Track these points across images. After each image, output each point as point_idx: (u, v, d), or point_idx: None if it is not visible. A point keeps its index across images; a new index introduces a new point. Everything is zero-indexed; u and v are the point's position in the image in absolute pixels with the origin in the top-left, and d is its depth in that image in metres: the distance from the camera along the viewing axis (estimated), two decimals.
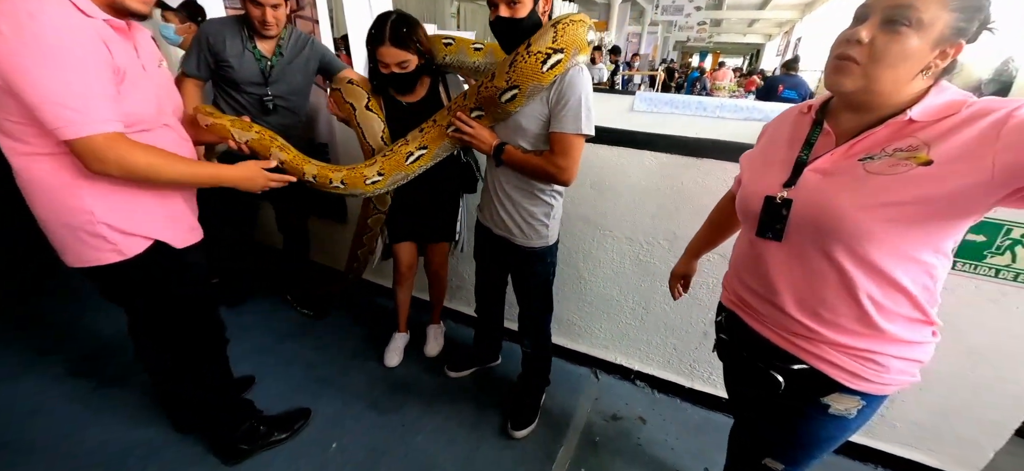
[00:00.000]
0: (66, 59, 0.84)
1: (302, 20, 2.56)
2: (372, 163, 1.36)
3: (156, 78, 1.09)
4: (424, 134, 1.35)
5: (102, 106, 0.89)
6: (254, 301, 2.30)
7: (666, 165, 1.58)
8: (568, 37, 1.08)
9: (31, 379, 1.78)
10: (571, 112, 1.13)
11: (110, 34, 0.93)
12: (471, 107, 1.26)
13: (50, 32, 0.82)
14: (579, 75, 1.13)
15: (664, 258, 1.69)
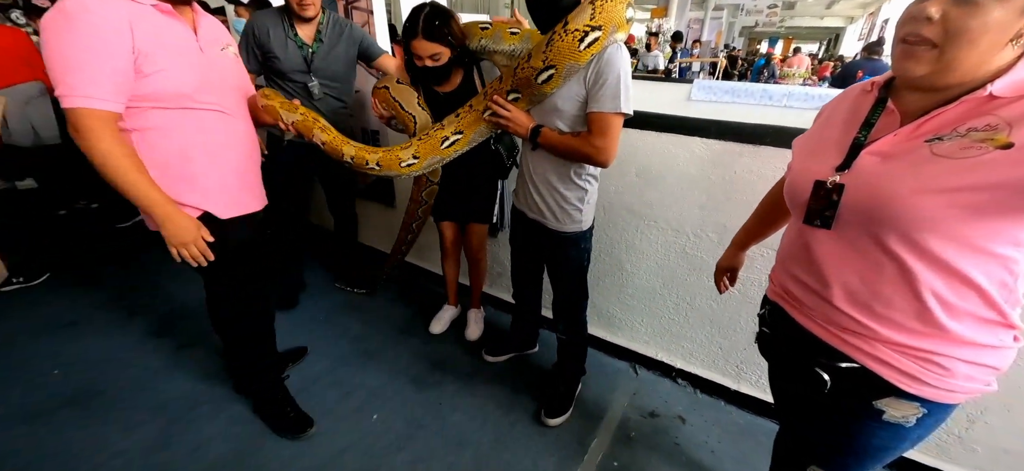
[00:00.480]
0: (74, 42, 0.93)
1: (358, 11, 2.67)
2: (408, 146, 1.39)
3: (214, 61, 1.18)
4: (460, 119, 1.36)
5: (95, 82, 0.95)
6: (308, 272, 2.44)
7: (718, 153, 1.49)
8: (606, 14, 1.04)
9: (123, 337, 2.03)
10: (609, 91, 1.09)
11: (149, 16, 1.03)
12: (507, 89, 1.25)
13: (78, 12, 0.93)
14: (617, 52, 1.10)
15: (712, 251, 1.60)
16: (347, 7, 2.37)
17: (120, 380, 1.78)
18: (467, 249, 1.93)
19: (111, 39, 0.96)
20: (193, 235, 1.13)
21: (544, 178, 1.31)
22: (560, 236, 1.36)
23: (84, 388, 1.73)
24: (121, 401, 1.68)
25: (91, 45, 0.95)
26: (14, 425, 1.56)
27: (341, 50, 1.86)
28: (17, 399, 1.67)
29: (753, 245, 1.17)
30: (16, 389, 1.72)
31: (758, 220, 1.11)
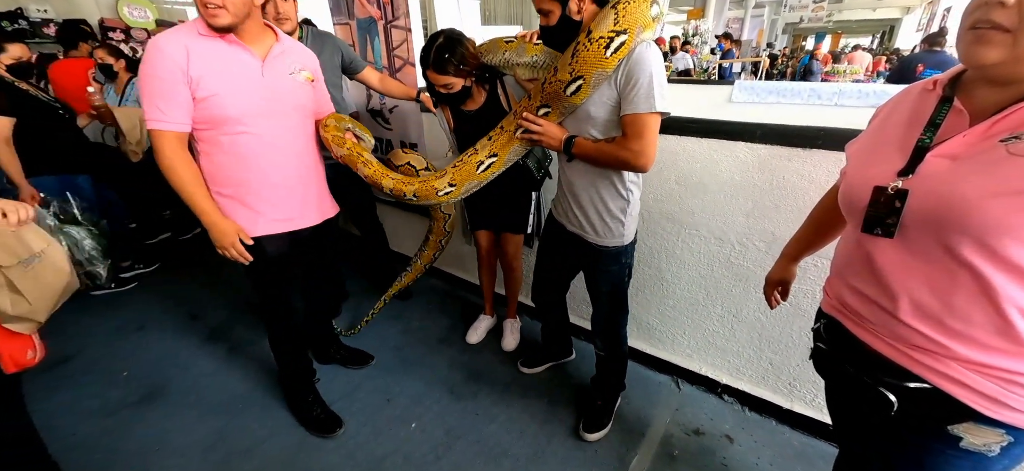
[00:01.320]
0: (149, 73, 1.14)
1: (397, 30, 2.76)
2: (442, 175, 1.40)
3: (275, 84, 1.28)
4: (493, 141, 1.36)
5: (162, 110, 1.15)
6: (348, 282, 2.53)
7: (764, 158, 1.42)
8: (630, 17, 1.02)
9: (184, 341, 2.17)
10: (642, 91, 1.05)
11: (210, 46, 1.17)
12: (537, 105, 1.24)
13: (149, 58, 1.14)
14: (647, 50, 1.06)
15: (760, 261, 1.52)
16: (387, 26, 2.45)
17: (180, 381, 1.90)
18: (502, 258, 1.94)
19: (172, 69, 1.14)
20: (231, 239, 1.28)
21: (583, 189, 1.28)
22: (600, 250, 1.32)
23: (149, 388, 1.87)
24: (181, 401, 1.80)
25: (159, 75, 1.14)
26: (92, 421, 1.71)
27: (326, 59, 1.88)
28: (93, 397, 1.82)
29: (807, 256, 1.10)
30: (93, 387, 1.88)
31: (811, 229, 1.05)
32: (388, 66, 2.48)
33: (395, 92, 2.10)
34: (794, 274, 1.12)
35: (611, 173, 1.22)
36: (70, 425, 1.68)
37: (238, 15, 1.15)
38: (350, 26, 2.60)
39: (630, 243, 1.34)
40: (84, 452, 1.57)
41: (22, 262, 1.01)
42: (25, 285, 1.02)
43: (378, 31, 2.51)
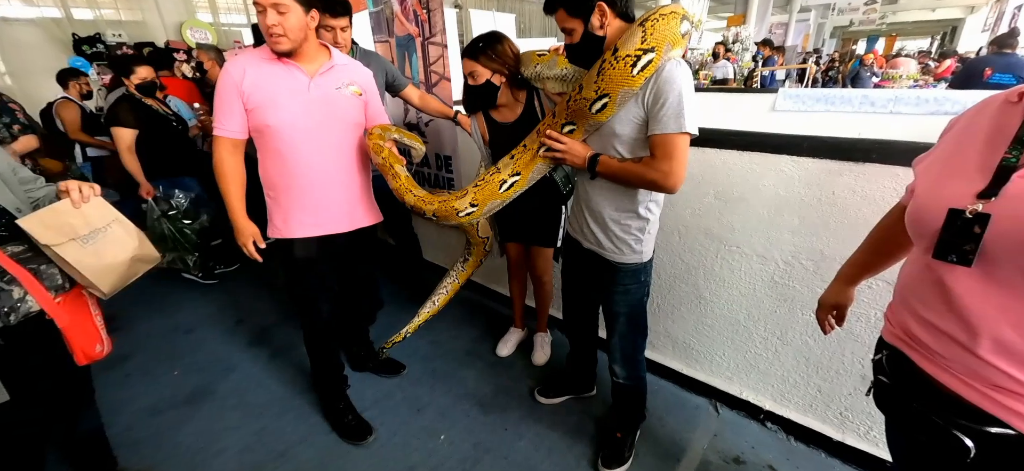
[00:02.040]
0: (216, 91, 1.35)
1: (434, 46, 2.83)
2: (463, 195, 1.38)
3: (322, 100, 1.39)
4: (515, 160, 1.35)
5: (220, 120, 1.35)
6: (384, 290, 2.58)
7: (812, 172, 1.34)
8: (659, 34, 0.99)
9: (230, 344, 2.28)
10: (671, 110, 1.02)
11: (265, 66, 1.33)
12: (562, 122, 1.22)
13: (220, 78, 1.34)
14: (676, 68, 1.02)
15: (807, 281, 1.43)
16: (424, 43, 2.52)
17: (225, 383, 2.00)
18: (532, 271, 1.92)
19: (230, 86, 1.32)
20: (245, 239, 1.43)
21: (601, 206, 1.24)
22: (617, 268, 1.27)
23: (197, 388, 1.97)
24: (225, 402, 1.89)
25: (221, 92, 1.34)
26: (145, 418, 1.81)
27: (372, 71, 1.96)
28: (147, 395, 1.94)
29: (866, 279, 1.02)
30: (147, 385, 2.00)
31: (871, 250, 0.97)
32: (425, 81, 2.54)
33: (433, 109, 2.16)
34: (851, 298, 1.04)
35: (632, 191, 1.18)
36: (126, 421, 1.79)
37: (296, 41, 1.30)
38: (390, 43, 2.69)
39: (647, 261, 1.28)
40: (136, 448, 1.66)
41: (80, 239, 1.11)
42: (85, 260, 1.11)
43: (416, 48, 2.58)
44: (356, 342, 1.99)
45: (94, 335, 1.19)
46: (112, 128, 2.48)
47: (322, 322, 1.61)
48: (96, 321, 1.21)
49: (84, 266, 1.11)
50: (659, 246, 1.73)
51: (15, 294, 1.06)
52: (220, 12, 7.61)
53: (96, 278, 1.13)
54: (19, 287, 1.06)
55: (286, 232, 1.44)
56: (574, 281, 1.53)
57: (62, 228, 1.08)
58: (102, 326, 1.23)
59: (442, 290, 2.02)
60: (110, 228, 1.17)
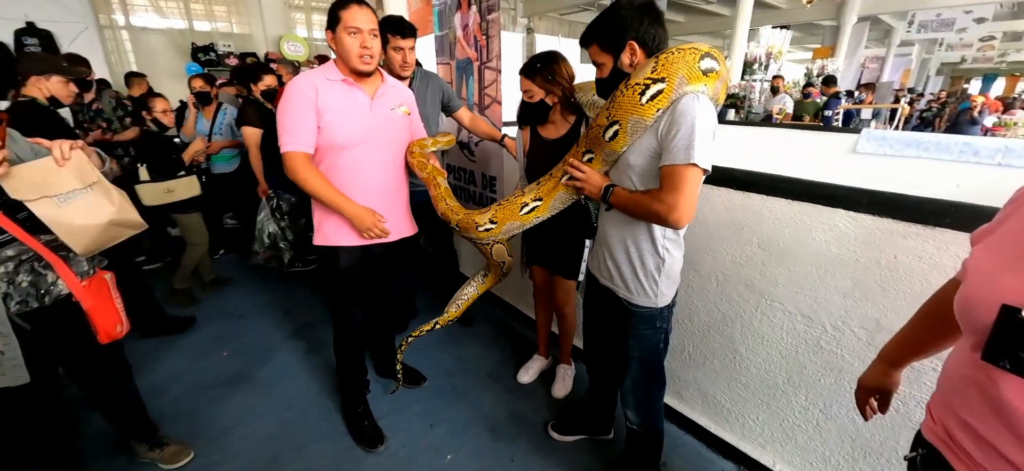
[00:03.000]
0: (286, 110, 1.37)
1: (489, 71, 2.92)
2: (485, 211, 1.43)
3: (379, 119, 1.48)
4: (540, 186, 1.36)
5: (297, 134, 1.37)
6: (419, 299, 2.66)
7: (871, 230, 1.20)
8: (670, 66, 0.99)
9: (274, 333, 2.46)
10: (681, 141, 0.97)
11: (333, 86, 1.40)
12: (583, 150, 1.22)
13: (287, 95, 1.38)
14: (692, 101, 0.98)
15: (858, 352, 1.27)
16: (481, 67, 2.61)
17: (264, 370, 2.15)
18: (554, 301, 1.88)
19: (304, 103, 1.37)
20: (371, 220, 1.46)
21: (617, 241, 1.20)
22: (630, 310, 1.21)
23: (239, 371, 2.13)
24: (261, 388, 2.02)
25: (294, 108, 1.37)
26: (192, 391, 1.99)
27: (429, 95, 2.10)
28: (198, 370, 2.14)
29: (914, 362, 0.89)
30: (201, 361, 2.20)
31: (921, 330, 0.84)
32: (478, 102, 2.63)
33: (482, 131, 2.23)
34: (897, 383, 0.90)
35: (647, 227, 1.13)
36: (176, 391, 1.98)
37: (378, 63, 1.43)
38: (450, 65, 2.82)
39: (666, 307, 1.21)
40: (179, 417, 1.83)
41: (57, 198, 1.10)
42: (59, 219, 1.10)
43: (473, 71, 2.69)
44: (383, 349, 2.05)
45: (115, 316, 1.32)
46: (243, 127, 2.82)
47: (353, 327, 1.68)
48: (116, 303, 1.34)
49: (56, 224, 1.11)
50: (694, 290, 1.62)
51: (49, 278, 1.21)
52: (314, 27, 8.43)
53: (68, 238, 1.13)
54: (52, 272, 1.20)
55: (335, 240, 1.51)
56: (594, 317, 1.47)
57: (39, 185, 1.08)
58: (121, 308, 1.35)
59: (454, 304, 2.01)
60: (89, 190, 1.16)
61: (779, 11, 10.37)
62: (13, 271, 1.15)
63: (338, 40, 1.37)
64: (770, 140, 4.31)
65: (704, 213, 1.53)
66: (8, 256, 1.14)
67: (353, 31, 1.34)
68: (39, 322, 1.21)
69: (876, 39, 12.32)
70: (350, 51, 1.36)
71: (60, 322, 1.26)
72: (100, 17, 5.80)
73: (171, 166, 2.56)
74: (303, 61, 7.51)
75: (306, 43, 7.74)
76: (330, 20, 1.38)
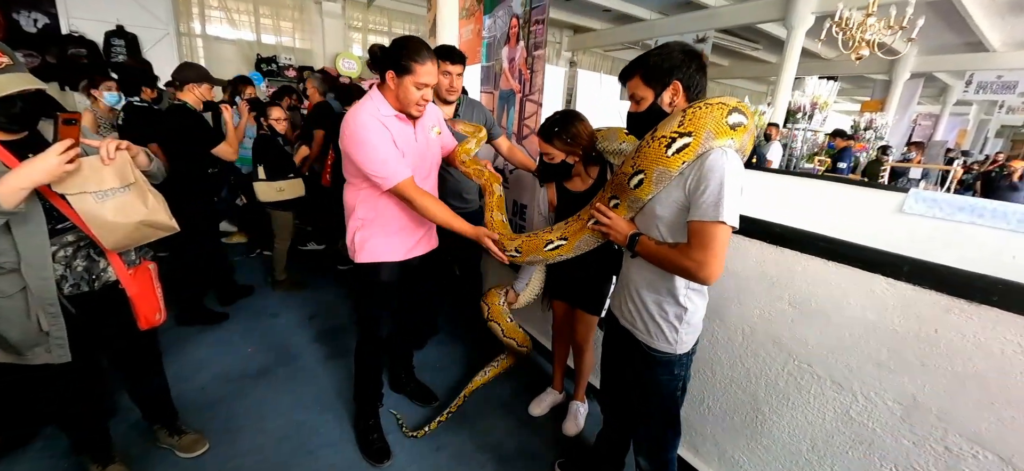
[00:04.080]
0: (373, 145, 1.38)
1: (530, 103, 3.01)
2: (516, 238, 1.47)
3: (424, 145, 1.55)
4: (567, 226, 1.38)
5: (396, 166, 1.40)
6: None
7: (910, 300, 1.14)
8: (697, 121, 1.00)
9: (300, 335, 2.54)
10: (710, 198, 0.97)
11: (398, 125, 1.45)
12: (609, 195, 1.23)
13: (363, 129, 1.38)
14: (721, 157, 0.98)
15: (892, 427, 1.20)
16: (523, 99, 2.70)
17: (286, 369, 2.22)
18: (573, 337, 1.86)
19: (388, 139, 1.41)
20: (487, 239, 1.47)
21: (641, 286, 1.19)
22: (650, 354, 1.19)
23: (264, 367, 2.21)
24: (282, 386, 2.09)
25: (383, 144, 1.40)
26: (218, 382, 2.08)
27: (474, 117, 2.16)
28: (224, 361, 2.23)
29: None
30: (228, 353, 2.30)
31: None
32: (517, 132, 2.72)
33: (519, 161, 2.29)
34: None
35: (671, 276, 1.13)
36: (203, 380, 2.07)
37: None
38: (494, 94, 2.94)
39: (685, 354, 1.18)
40: (204, 406, 1.91)
41: (95, 194, 1.17)
42: (93, 212, 1.17)
43: (515, 102, 2.79)
44: (400, 363, 2.08)
45: (155, 304, 1.41)
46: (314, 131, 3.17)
47: (379, 339, 1.73)
48: (157, 292, 1.42)
49: (90, 218, 1.17)
50: (718, 341, 1.58)
51: (101, 264, 1.30)
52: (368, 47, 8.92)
53: (99, 231, 1.20)
54: (104, 259, 1.30)
55: (381, 257, 1.57)
56: (613, 357, 1.45)
57: (82, 180, 1.16)
58: (161, 297, 1.44)
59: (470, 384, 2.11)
60: (126, 190, 1.24)
61: (827, 62, 10.15)
62: (72, 255, 1.25)
63: (403, 86, 1.39)
64: (810, 192, 4.18)
65: (734, 264, 1.50)
66: (68, 241, 1.23)
67: (422, 86, 1.39)
68: (87, 306, 1.30)
69: (931, 96, 11.83)
70: (411, 100, 1.41)
71: (106, 307, 1.34)
72: (181, 25, 6.35)
73: (283, 168, 2.87)
74: (355, 77, 7.93)
75: (359, 61, 8.18)
76: (398, 65, 1.37)
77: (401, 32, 9.26)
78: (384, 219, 1.54)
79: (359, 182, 1.50)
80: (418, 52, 1.36)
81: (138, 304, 1.36)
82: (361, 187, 1.50)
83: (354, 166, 1.44)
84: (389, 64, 1.39)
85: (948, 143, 8.88)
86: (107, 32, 5.43)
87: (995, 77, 7.92)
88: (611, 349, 1.43)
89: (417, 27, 8.87)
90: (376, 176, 1.40)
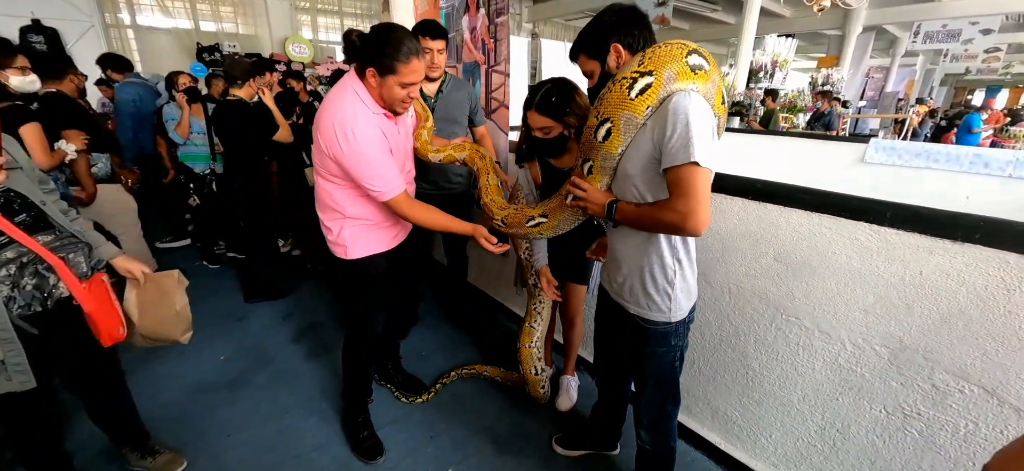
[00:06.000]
0: (372, 160, 1.29)
1: (496, 74, 2.89)
2: (505, 208, 1.44)
3: (403, 134, 1.49)
4: (549, 202, 1.31)
5: (395, 180, 1.34)
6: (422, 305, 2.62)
7: (895, 245, 1.15)
8: (657, 59, 0.96)
9: (275, 336, 2.42)
10: (678, 140, 0.91)
11: (385, 123, 1.36)
12: (581, 159, 1.16)
13: (363, 144, 1.27)
14: (685, 98, 0.93)
15: (880, 371, 1.22)
16: (488, 71, 2.58)
17: (262, 374, 2.10)
18: (563, 309, 1.83)
19: (383, 147, 1.33)
20: (483, 237, 1.43)
21: (626, 255, 1.14)
22: (647, 329, 1.15)
23: (237, 375, 2.09)
24: (258, 393, 1.98)
25: (380, 154, 1.32)
26: (189, 395, 1.95)
27: (459, 97, 2.09)
28: (194, 373, 2.09)
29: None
30: (198, 364, 2.16)
31: None
32: (485, 106, 2.60)
33: (490, 148, 2.22)
34: None
35: (656, 239, 1.07)
36: (173, 395, 1.94)
37: None
38: (457, 68, 2.79)
39: (681, 321, 1.14)
40: (178, 422, 1.78)
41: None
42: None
43: (480, 75, 2.65)
44: (387, 354, 2.01)
45: (116, 318, 1.29)
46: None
47: (372, 335, 1.66)
48: (116, 305, 1.31)
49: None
50: (706, 302, 1.58)
51: (51, 280, 1.17)
52: (319, 30, 8.44)
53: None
54: (54, 274, 1.17)
55: (371, 250, 1.49)
56: (605, 330, 1.43)
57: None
58: (120, 310, 1.32)
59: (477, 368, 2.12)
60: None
61: (784, 20, 10.35)
62: (17, 273, 1.12)
63: (386, 85, 1.27)
64: (777, 149, 4.27)
65: (718, 223, 1.48)
66: (8, 258, 1.10)
67: (408, 86, 1.28)
68: (44, 325, 1.18)
69: (881, 49, 12.28)
70: (396, 99, 1.30)
71: (61, 325, 1.23)
72: (106, 15, 5.80)
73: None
74: (308, 62, 7.50)
75: (311, 45, 7.73)
76: (380, 64, 1.25)
77: (352, 11, 8.79)
78: (371, 212, 1.46)
79: (347, 181, 1.38)
80: (401, 50, 1.23)
81: (98, 320, 1.24)
82: (351, 186, 1.39)
83: (341, 170, 1.33)
84: (370, 61, 1.26)
85: (899, 94, 9.28)
86: (22, 28, 4.90)
87: (940, 26, 8.27)
88: (604, 323, 1.40)
89: (369, 2, 8.44)
90: (373, 190, 1.33)
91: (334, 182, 1.39)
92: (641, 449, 1.36)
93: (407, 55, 1.23)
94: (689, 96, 0.94)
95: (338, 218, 1.44)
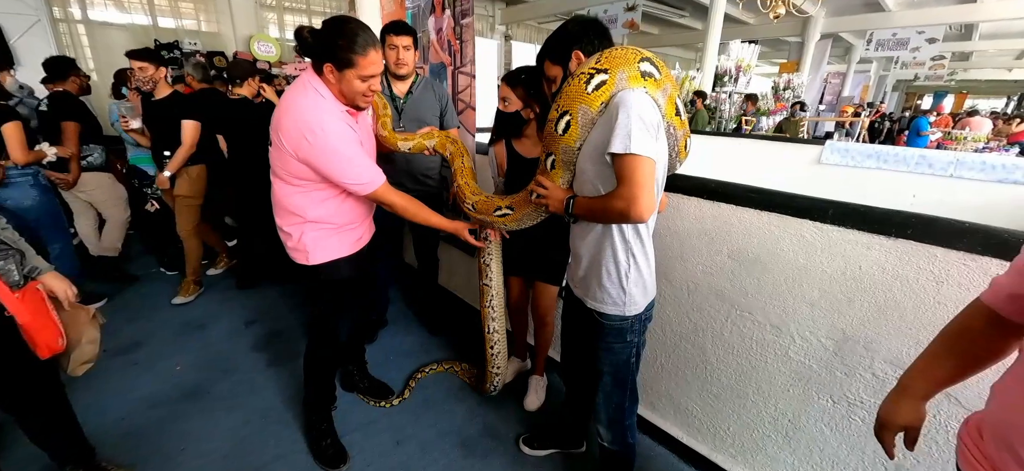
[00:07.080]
0: (347, 153, 1.26)
1: (463, 75, 2.88)
2: (478, 192, 1.46)
3: (366, 131, 1.47)
4: (516, 197, 1.35)
5: (373, 171, 1.33)
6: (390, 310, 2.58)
7: (836, 241, 1.21)
8: (612, 59, 1.03)
9: (235, 344, 2.33)
10: (621, 130, 0.96)
11: (349, 120, 1.33)
12: (544, 153, 1.20)
13: (334, 138, 1.23)
14: (631, 94, 1.00)
15: (826, 362, 1.28)
16: (454, 72, 2.57)
17: (222, 384, 2.02)
18: (534, 309, 1.84)
19: (353, 138, 1.30)
20: (465, 233, 1.48)
21: (584, 250, 1.18)
22: (603, 324, 1.18)
23: (195, 386, 2.00)
24: (217, 404, 1.90)
25: (351, 148, 1.28)
26: (141, 409, 1.86)
27: (430, 99, 2.07)
28: (147, 386, 1.99)
29: (945, 390, 0.82)
30: (150, 376, 2.06)
31: (953, 360, 0.75)
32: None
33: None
34: (925, 415, 0.81)
35: (610, 231, 1.11)
36: (121, 410, 1.84)
37: None
38: (424, 69, 2.77)
39: (635, 316, 1.16)
40: (129, 437, 1.70)
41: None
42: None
43: (446, 76, 2.64)
44: (351, 359, 1.97)
45: (55, 329, 1.23)
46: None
47: (336, 342, 1.62)
48: (54, 316, 1.25)
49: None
50: (666, 300, 1.62)
51: None
52: (286, 28, 8.20)
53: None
54: None
55: (338, 253, 1.45)
56: (570, 328, 1.44)
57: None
58: (58, 320, 1.27)
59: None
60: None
61: (748, 26, 10.74)
62: None
63: (345, 80, 1.23)
64: (740, 150, 4.43)
65: (676, 223, 1.53)
66: None
67: (368, 78, 1.25)
68: None
69: (838, 56, 12.92)
70: (356, 93, 1.26)
71: None
72: (54, 9, 5.48)
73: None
74: (274, 62, 7.29)
75: (278, 43, 7.52)
76: (335, 58, 1.21)
77: (320, 8, 8.60)
78: (333, 215, 1.41)
79: (310, 185, 1.32)
80: (357, 41, 1.20)
81: (34, 332, 1.18)
82: (313, 189, 1.34)
83: (313, 171, 1.27)
84: (326, 57, 1.22)
85: (854, 98, 9.76)
86: None
87: (891, 35, 8.75)
88: (569, 321, 1.42)
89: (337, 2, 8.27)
90: (354, 185, 1.30)
91: (294, 185, 1.34)
92: (601, 447, 1.38)
93: (363, 46, 1.20)
94: (635, 92, 1.00)
95: (298, 223, 1.39)
